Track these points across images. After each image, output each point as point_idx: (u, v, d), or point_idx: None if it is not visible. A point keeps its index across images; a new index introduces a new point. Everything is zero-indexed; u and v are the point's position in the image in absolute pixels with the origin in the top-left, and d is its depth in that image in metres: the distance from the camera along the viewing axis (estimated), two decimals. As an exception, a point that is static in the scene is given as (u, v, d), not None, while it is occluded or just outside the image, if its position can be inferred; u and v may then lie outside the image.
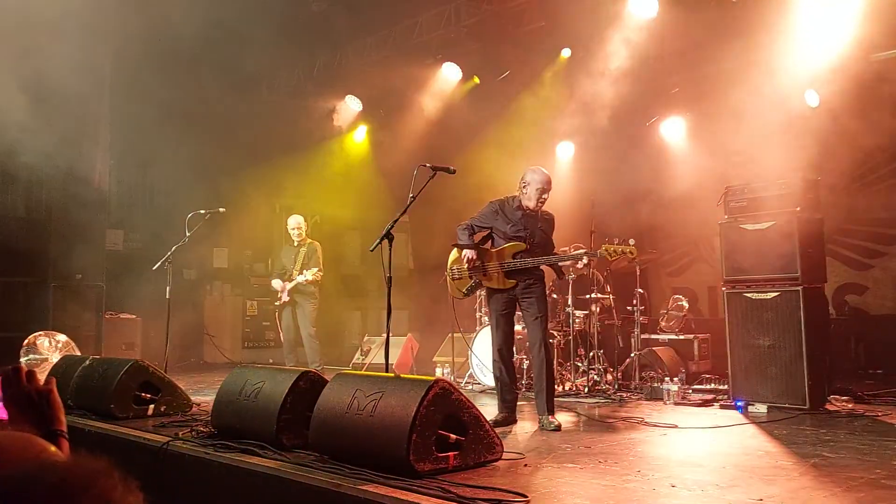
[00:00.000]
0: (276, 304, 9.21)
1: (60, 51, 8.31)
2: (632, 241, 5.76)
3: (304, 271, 8.81)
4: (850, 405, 6.48)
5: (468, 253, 6.08)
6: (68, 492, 0.87)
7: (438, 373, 9.49)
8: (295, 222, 9.18)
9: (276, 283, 9.15)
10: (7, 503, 0.85)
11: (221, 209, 8.29)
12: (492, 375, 8.18)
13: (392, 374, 4.37)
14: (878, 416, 6.04)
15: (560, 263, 6.12)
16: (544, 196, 6.01)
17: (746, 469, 4.04)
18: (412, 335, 10.68)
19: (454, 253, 6.42)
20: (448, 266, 6.56)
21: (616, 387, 7.88)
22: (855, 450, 4.60)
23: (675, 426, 5.65)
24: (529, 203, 6.00)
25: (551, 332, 8.33)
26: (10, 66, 8.30)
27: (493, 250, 6.13)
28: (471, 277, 6.23)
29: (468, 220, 6.27)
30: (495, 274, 6.06)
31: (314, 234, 9.73)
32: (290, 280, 8.96)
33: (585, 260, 5.90)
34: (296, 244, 9.17)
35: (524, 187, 6.02)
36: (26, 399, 1.67)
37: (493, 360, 6.21)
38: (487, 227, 6.23)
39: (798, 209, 6.41)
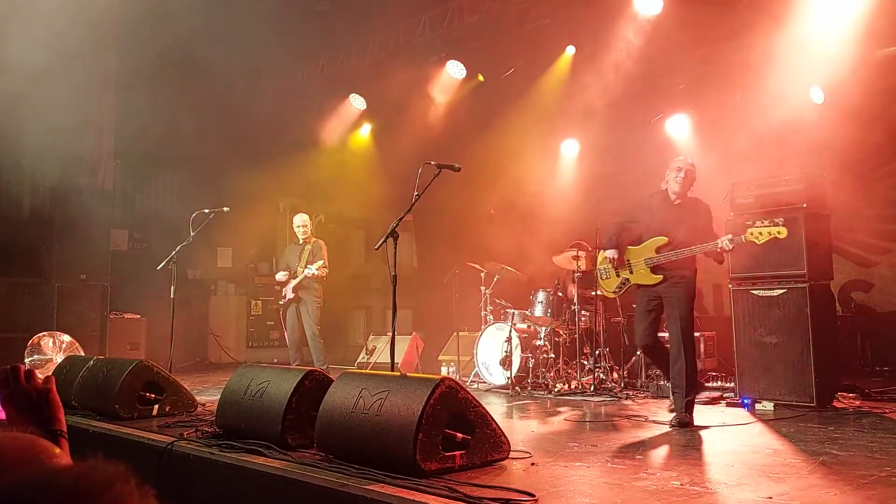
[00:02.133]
0: (281, 302, 9.20)
1: (64, 50, 8.31)
2: (780, 220, 5.51)
3: (311, 267, 8.78)
4: (857, 402, 6.44)
5: (609, 253, 6.17)
6: (82, 497, 0.85)
7: (444, 372, 9.49)
8: (301, 220, 9.16)
9: (281, 275, 9.14)
10: None
11: (225, 208, 8.27)
12: (497, 374, 8.22)
13: (398, 374, 4.35)
14: (886, 413, 6.01)
15: (708, 252, 5.79)
16: (679, 175, 5.90)
17: (755, 467, 4.01)
18: (417, 334, 10.66)
19: (601, 254, 6.45)
20: (597, 266, 6.58)
21: (622, 385, 7.86)
22: (864, 447, 4.57)
23: (682, 424, 5.62)
24: (674, 187, 5.94)
25: (557, 329, 8.31)
26: (12, 65, 8.29)
27: (638, 246, 6.08)
28: (618, 275, 6.23)
29: (618, 217, 6.30)
30: (641, 270, 6.01)
31: (318, 233, 9.71)
32: (295, 277, 8.93)
33: (730, 245, 5.57)
34: (301, 242, 9.16)
35: (666, 175, 6.01)
36: (25, 398, 1.65)
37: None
38: (636, 221, 6.20)
39: (804, 205, 6.38)
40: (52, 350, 8.38)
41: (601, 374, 7.97)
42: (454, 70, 10.43)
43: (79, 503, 0.85)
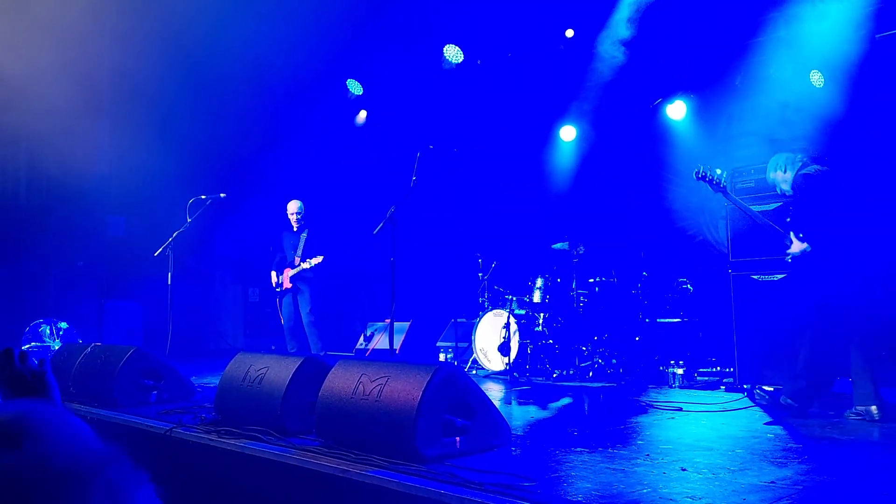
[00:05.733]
0: (278, 290, 9.15)
1: (61, 34, 8.23)
2: None
3: (309, 259, 8.73)
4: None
5: None
6: (78, 479, 0.83)
7: (441, 359, 9.48)
8: (294, 207, 9.09)
9: (274, 277, 9.11)
10: (14, 488, 0.81)
11: (223, 195, 8.22)
12: (496, 361, 8.20)
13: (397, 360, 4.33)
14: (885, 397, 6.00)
15: None
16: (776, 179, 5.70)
17: (756, 452, 4.00)
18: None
19: None
20: None
21: (621, 370, 7.85)
22: (864, 431, 4.56)
23: (682, 409, 5.62)
24: None
25: (556, 315, 8.30)
26: (9, 51, 8.22)
27: None
28: None
29: None
30: None
31: (315, 219, 9.65)
32: (293, 267, 8.89)
33: None
34: (295, 230, 9.10)
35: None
36: (20, 381, 1.63)
37: None
38: None
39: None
40: (49, 337, 8.36)
41: (600, 360, 7.96)
42: (451, 53, 10.36)
43: (74, 485, 0.82)
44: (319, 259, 8.67)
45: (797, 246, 5.36)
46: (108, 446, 0.91)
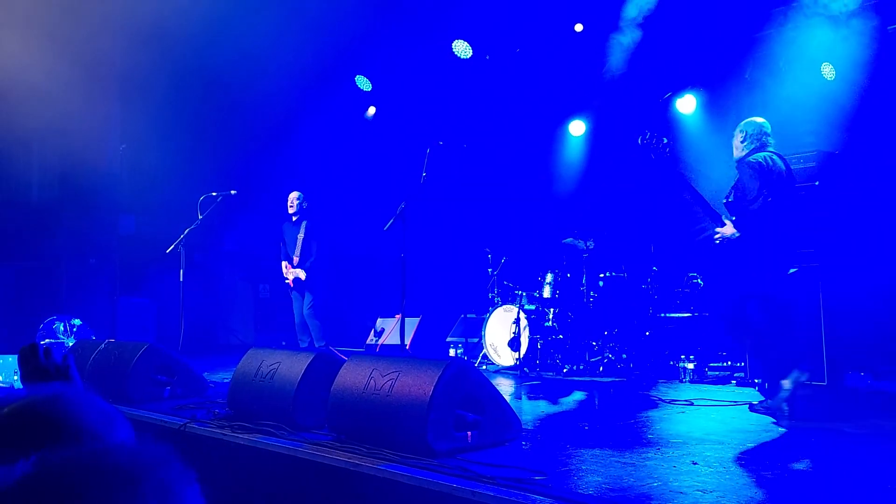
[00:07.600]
0: (286, 281, 9.13)
1: (71, 32, 8.28)
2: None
3: (298, 269, 8.82)
4: (868, 381, 6.42)
5: None
6: (131, 478, 0.85)
7: (451, 354, 9.50)
8: (291, 197, 9.12)
9: (284, 268, 9.16)
10: (67, 485, 0.83)
11: (233, 191, 8.26)
12: (506, 356, 8.21)
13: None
14: (897, 391, 5.99)
15: None
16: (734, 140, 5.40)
17: (767, 445, 4.01)
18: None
19: None
20: None
21: (632, 365, 7.85)
22: (875, 426, 4.56)
23: (692, 403, 5.62)
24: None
25: (566, 310, 8.30)
26: (20, 50, 8.27)
27: None
28: None
29: None
30: None
31: (324, 215, 9.67)
32: (291, 262, 8.94)
33: None
34: (294, 220, 9.11)
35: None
36: (44, 375, 1.67)
37: None
38: None
39: (816, 183, 6.32)
40: (63, 334, 8.42)
41: (610, 355, 7.97)
42: (461, 49, 10.36)
43: (127, 484, 0.85)
44: (302, 274, 8.79)
45: (728, 229, 5.23)
46: (159, 446, 0.93)
